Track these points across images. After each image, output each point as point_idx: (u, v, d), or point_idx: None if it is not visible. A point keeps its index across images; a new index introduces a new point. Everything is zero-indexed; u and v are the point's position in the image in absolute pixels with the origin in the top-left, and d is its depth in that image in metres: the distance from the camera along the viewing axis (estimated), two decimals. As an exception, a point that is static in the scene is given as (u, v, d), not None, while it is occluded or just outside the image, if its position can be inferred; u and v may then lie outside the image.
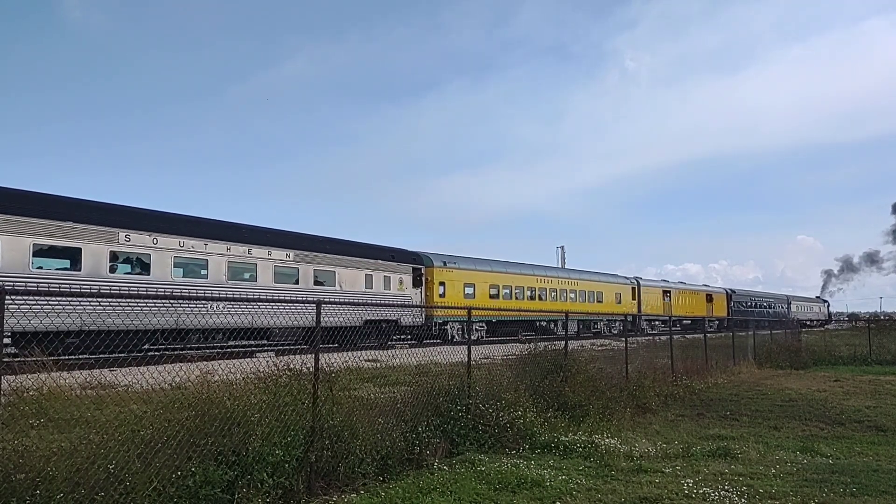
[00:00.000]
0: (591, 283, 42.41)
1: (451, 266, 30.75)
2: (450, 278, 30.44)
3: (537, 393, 9.65)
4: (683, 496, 6.07)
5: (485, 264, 33.84)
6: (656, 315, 45.66)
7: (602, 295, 42.99)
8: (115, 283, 16.65)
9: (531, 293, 36.55)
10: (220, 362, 6.85)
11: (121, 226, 17.25)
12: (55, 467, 4.32)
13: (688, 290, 54.79)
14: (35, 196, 16.07)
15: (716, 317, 52.21)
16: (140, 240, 17.62)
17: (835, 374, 18.74)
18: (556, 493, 6.08)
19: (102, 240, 16.72)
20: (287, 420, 5.87)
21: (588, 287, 41.92)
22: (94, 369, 9.41)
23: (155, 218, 18.62)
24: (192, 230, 19.16)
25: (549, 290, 38.06)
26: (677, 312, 48.69)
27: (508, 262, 36.19)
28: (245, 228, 21.28)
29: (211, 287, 18.45)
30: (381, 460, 6.61)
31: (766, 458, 7.92)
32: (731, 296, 59.22)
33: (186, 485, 4.83)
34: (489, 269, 33.88)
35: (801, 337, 27.92)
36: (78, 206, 16.68)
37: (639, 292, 46.92)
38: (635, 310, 44.78)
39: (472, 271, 32.30)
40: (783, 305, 69.36)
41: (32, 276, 15.02)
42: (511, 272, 35.38)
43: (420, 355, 9.33)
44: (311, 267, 22.68)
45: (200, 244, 19.13)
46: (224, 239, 19.91)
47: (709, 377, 16.16)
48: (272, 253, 21.29)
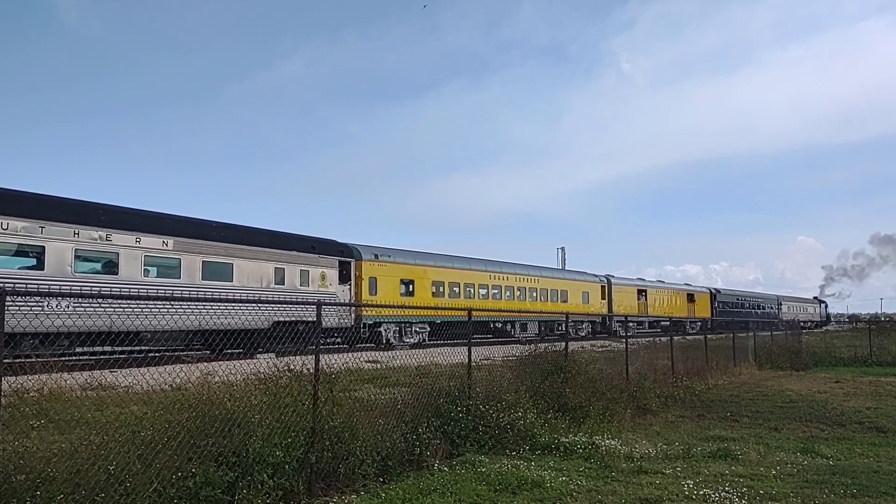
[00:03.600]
0: (554, 281, 39.07)
1: (384, 259, 27.40)
2: (383, 273, 27.13)
3: (538, 394, 9.64)
4: (684, 497, 6.07)
5: (427, 258, 30.50)
6: (630, 316, 42.43)
7: (567, 294, 39.66)
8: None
9: (484, 291, 33.33)
10: (221, 363, 6.84)
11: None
12: (56, 468, 4.32)
13: (666, 289, 52.24)
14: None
15: (698, 318, 49.54)
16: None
17: (835, 375, 18.73)
18: (556, 495, 6.07)
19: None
20: (287, 421, 5.87)
21: (551, 285, 38.49)
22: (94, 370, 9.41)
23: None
24: (23, 209, 15.55)
25: (504, 288, 34.72)
26: (655, 313, 45.78)
27: (456, 257, 32.92)
28: (103, 209, 17.56)
29: (50, 280, 15.38)
30: (381, 461, 6.60)
31: (767, 459, 7.92)
32: (715, 295, 57.04)
33: (187, 486, 4.82)
34: (432, 263, 30.54)
35: (801, 338, 27.91)
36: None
37: (609, 291, 44.14)
38: (605, 310, 42.30)
39: (410, 266, 28.91)
40: (773, 306, 67.68)
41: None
42: (459, 267, 32.09)
43: (421, 356, 9.32)
44: (198, 258, 19.12)
45: (34, 227, 15.55)
46: (70, 221, 16.36)
47: (709, 378, 16.16)
48: (142, 240, 17.75)
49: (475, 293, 32.52)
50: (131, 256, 17.52)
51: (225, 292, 19.04)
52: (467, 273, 32.48)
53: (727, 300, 58.56)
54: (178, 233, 18.80)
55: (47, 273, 15.70)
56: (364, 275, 26.00)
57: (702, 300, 55.15)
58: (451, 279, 31.30)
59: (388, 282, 27.29)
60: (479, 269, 33.47)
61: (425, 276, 29.70)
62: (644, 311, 45.79)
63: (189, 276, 18.78)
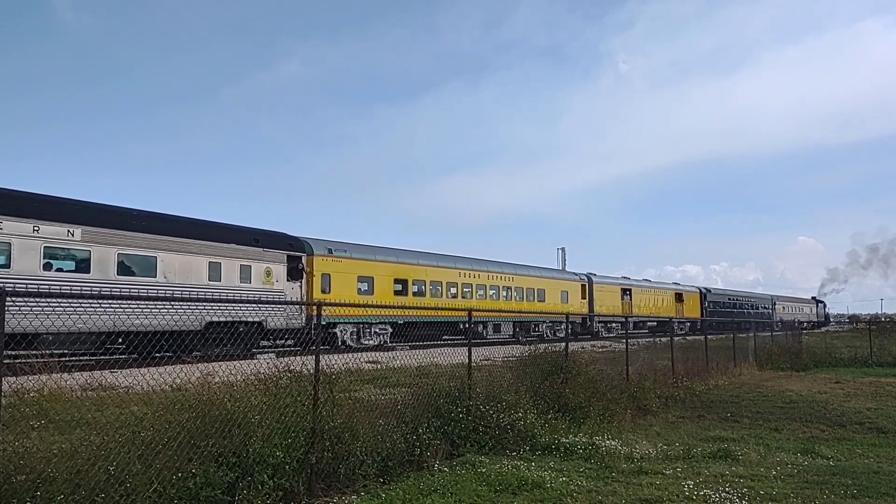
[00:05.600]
0: (530, 279, 36.70)
1: (339, 254, 25.33)
2: (338, 269, 25.10)
3: (538, 394, 9.64)
4: (684, 498, 6.06)
5: (388, 253, 28.38)
6: (613, 316, 41.28)
7: (544, 293, 37.40)
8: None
9: (452, 289, 31.04)
10: (221, 364, 6.83)
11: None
12: (56, 469, 4.32)
13: (652, 288, 50.05)
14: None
15: (687, 318, 47.93)
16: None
17: (835, 375, 18.70)
18: (556, 495, 6.07)
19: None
20: (287, 422, 5.87)
21: (526, 283, 36.21)
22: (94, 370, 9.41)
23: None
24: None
25: (475, 287, 32.49)
26: (640, 313, 43.88)
27: (421, 253, 30.61)
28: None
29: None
30: (381, 462, 6.61)
31: (767, 459, 7.92)
32: (705, 295, 55.31)
33: (187, 486, 4.82)
34: (394, 259, 28.39)
35: (801, 339, 27.91)
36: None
37: (590, 290, 42.00)
38: (586, 310, 40.13)
39: (368, 262, 26.78)
40: (767, 306, 66.68)
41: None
42: (424, 264, 29.82)
43: (421, 357, 9.33)
44: (113, 250, 17.01)
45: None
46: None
47: (709, 379, 16.16)
48: (42, 229, 15.71)
49: (443, 292, 30.41)
50: (27, 247, 15.50)
51: (146, 289, 16.72)
52: (434, 270, 30.29)
53: (718, 300, 57.16)
54: (88, 221, 16.66)
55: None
56: (316, 271, 23.93)
57: (691, 300, 53.54)
58: (415, 276, 29.13)
59: (343, 279, 25.28)
60: (448, 266, 31.32)
61: (386, 274, 27.59)
62: (629, 311, 43.88)
63: (101, 270, 16.71)
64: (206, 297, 14.90)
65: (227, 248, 20.18)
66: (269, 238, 22.24)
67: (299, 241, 23.70)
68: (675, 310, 50.06)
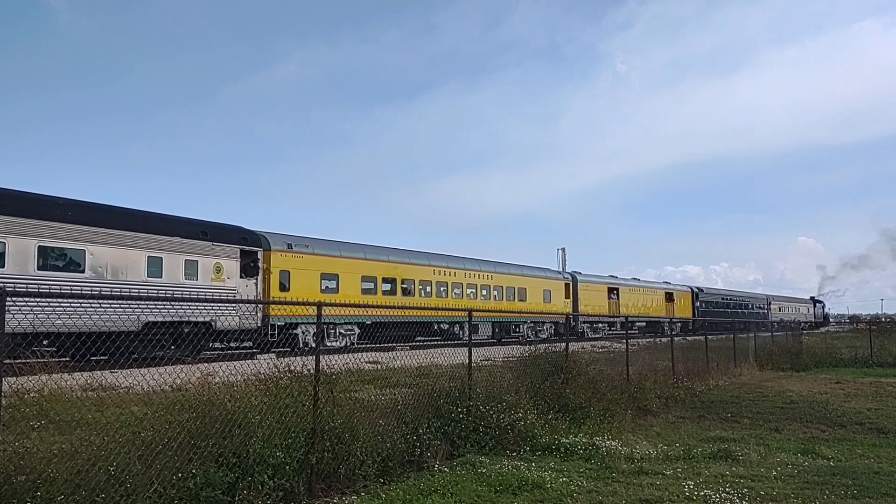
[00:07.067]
0: (510, 278, 35.11)
1: (300, 250, 23.58)
2: (299, 266, 23.38)
3: (538, 395, 9.63)
4: (684, 498, 6.06)
5: (355, 249, 26.52)
6: (599, 316, 40.10)
7: (526, 292, 35.92)
8: None
9: (426, 288, 29.35)
10: (221, 364, 6.83)
11: None
12: (56, 469, 4.32)
13: (641, 287, 48.89)
14: None
15: (678, 318, 45.86)
16: None
17: (836, 376, 18.71)
18: (556, 495, 6.07)
19: None
20: (288, 422, 5.87)
21: (506, 282, 34.64)
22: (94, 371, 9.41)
23: None
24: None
25: (451, 285, 30.84)
26: (628, 313, 41.93)
27: (392, 249, 28.90)
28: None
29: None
30: (381, 462, 6.60)
31: (767, 460, 7.92)
32: (697, 295, 54.40)
33: (187, 486, 4.82)
34: (362, 255, 26.57)
35: (801, 339, 27.91)
36: None
37: (575, 289, 40.58)
38: (570, 309, 38.57)
39: (333, 258, 25.06)
40: (762, 306, 66.21)
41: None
42: (395, 261, 28.21)
43: (421, 357, 9.34)
44: (31, 242, 15.28)
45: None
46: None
47: (710, 379, 16.15)
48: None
49: (415, 290, 28.74)
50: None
51: (72, 286, 15.34)
52: (406, 267, 28.58)
53: (711, 300, 56.34)
54: (2, 209, 15.04)
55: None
56: (274, 267, 22.23)
57: (682, 300, 52.50)
58: (385, 274, 27.40)
59: (304, 276, 23.51)
60: (421, 264, 29.54)
61: (353, 271, 25.87)
62: (616, 311, 42.59)
63: (18, 264, 15.04)
64: (140, 295, 13.64)
65: (170, 242, 18.53)
66: (220, 231, 20.53)
67: (255, 235, 22.05)
68: (666, 309, 49.26)
